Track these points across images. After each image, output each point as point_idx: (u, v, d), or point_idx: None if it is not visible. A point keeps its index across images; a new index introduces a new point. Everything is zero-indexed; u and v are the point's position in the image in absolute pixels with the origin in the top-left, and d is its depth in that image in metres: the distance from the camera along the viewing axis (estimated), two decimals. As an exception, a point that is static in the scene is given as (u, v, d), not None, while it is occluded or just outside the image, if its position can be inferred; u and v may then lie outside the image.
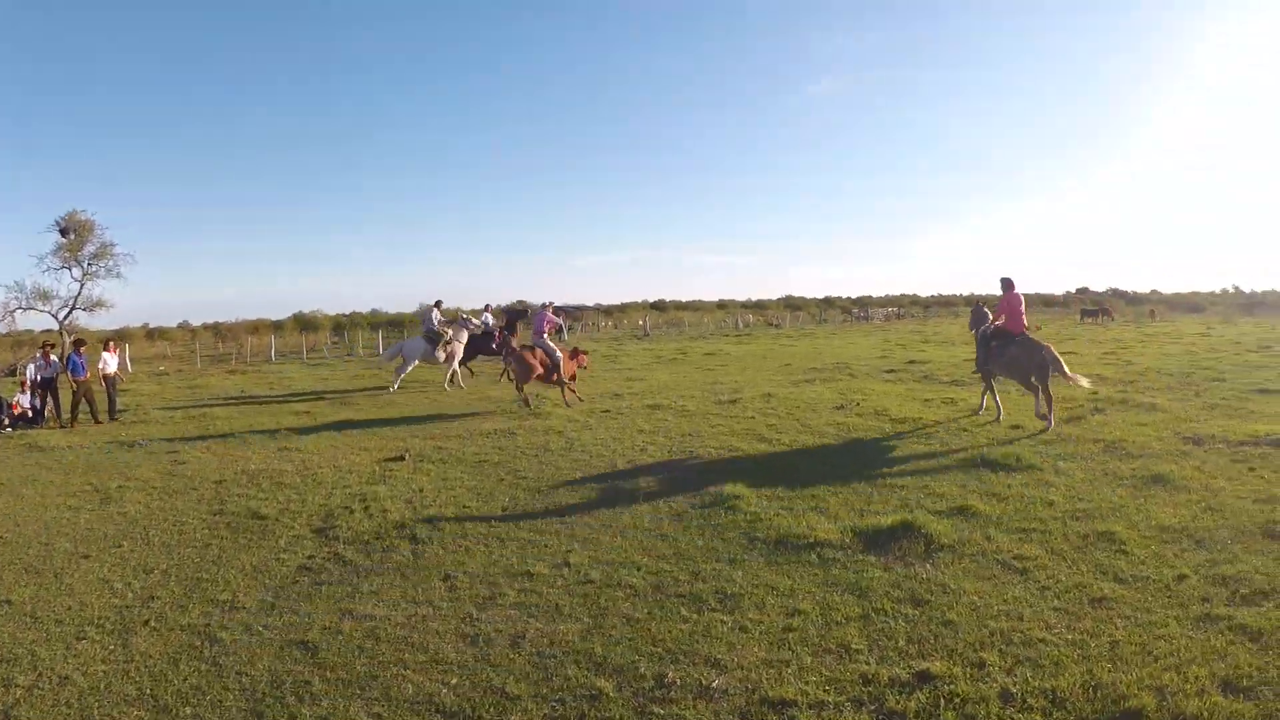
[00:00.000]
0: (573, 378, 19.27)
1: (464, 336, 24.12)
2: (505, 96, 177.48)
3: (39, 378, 19.83)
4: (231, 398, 23.50)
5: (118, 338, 63.68)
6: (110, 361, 20.49)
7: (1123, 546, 7.59)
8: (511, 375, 19.07)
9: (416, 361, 23.67)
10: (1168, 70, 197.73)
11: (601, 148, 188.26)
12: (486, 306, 30.47)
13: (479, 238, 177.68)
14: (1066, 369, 13.97)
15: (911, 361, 28.12)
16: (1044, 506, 9.05)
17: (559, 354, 18.30)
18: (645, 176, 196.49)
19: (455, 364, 24.06)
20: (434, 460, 12.69)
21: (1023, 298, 14.71)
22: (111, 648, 6.16)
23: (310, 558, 8.19)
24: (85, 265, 41.69)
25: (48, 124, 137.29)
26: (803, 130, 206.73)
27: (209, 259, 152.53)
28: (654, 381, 23.65)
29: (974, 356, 16.90)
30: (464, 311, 34.20)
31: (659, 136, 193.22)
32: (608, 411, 17.19)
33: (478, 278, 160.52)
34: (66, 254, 41.24)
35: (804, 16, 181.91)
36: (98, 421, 19.14)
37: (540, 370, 17.97)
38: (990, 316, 15.68)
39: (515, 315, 21.16)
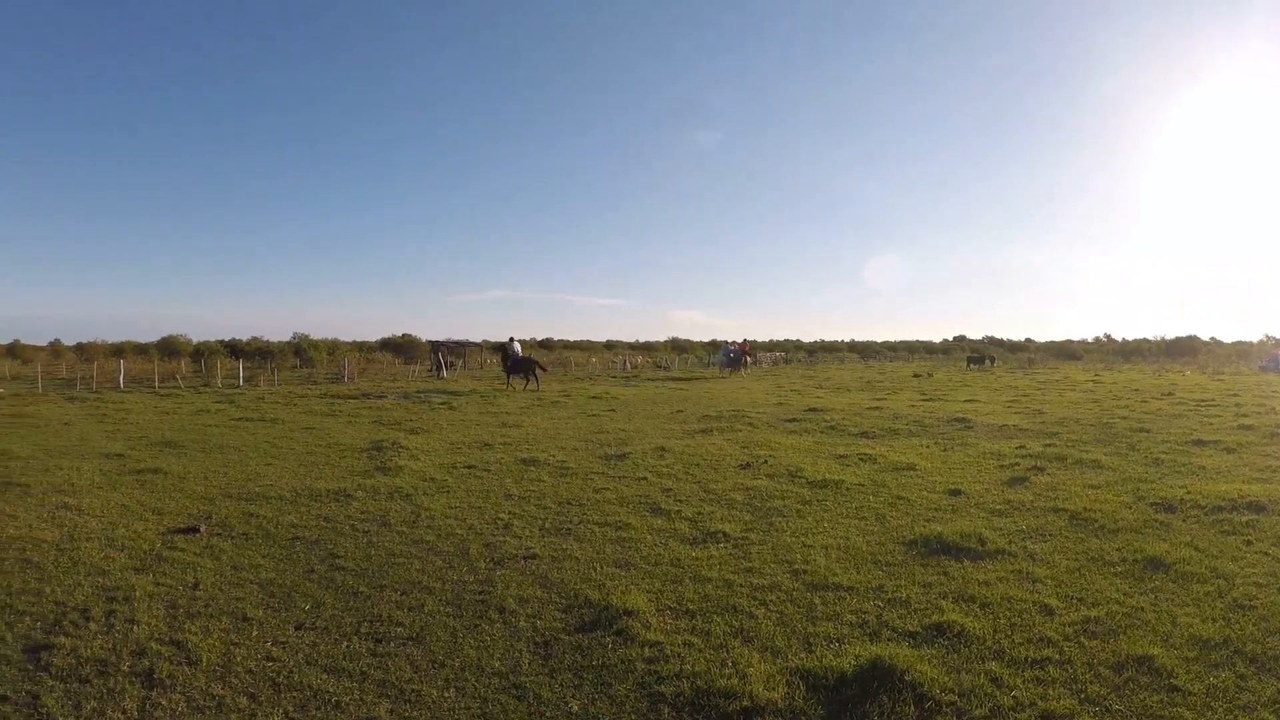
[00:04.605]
0: None
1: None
2: (387, 128, 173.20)
3: None
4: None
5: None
6: None
7: (1171, 680, 5.62)
8: None
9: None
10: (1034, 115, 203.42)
11: (483, 185, 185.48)
12: (511, 339, 39.78)
13: (351, 270, 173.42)
14: None
15: (811, 409, 26.23)
16: (1042, 616, 6.92)
17: None
18: (528, 215, 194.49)
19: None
20: (235, 534, 9.91)
21: None
22: None
23: (1, 700, 5.57)
24: None
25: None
26: (690, 179, 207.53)
27: (90, 275, 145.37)
28: (531, 429, 20.91)
29: (873, 405, 15.45)
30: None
31: (544, 176, 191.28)
32: (472, 467, 14.51)
33: (344, 309, 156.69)
34: None
35: (691, 67, 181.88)
36: None
37: None
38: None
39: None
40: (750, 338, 79.66)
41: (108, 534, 10.00)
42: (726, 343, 74.92)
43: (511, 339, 40.01)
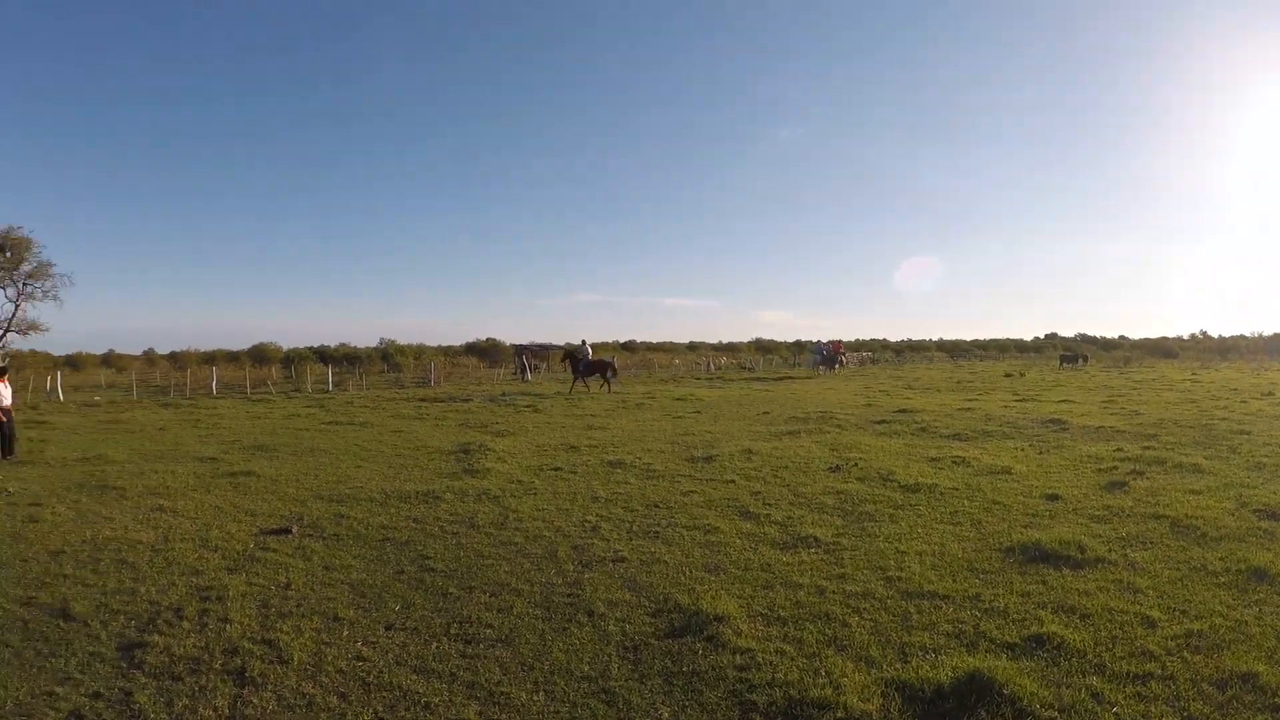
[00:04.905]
0: None
1: None
2: (468, 136, 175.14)
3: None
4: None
5: (67, 364, 61.98)
6: (4, 393, 18.10)
7: (1275, 699, 5.31)
8: None
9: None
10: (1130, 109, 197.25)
11: (565, 189, 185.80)
12: (583, 341, 40.05)
13: (437, 276, 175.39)
14: None
15: (901, 411, 25.69)
16: (1144, 628, 6.59)
17: None
18: (612, 220, 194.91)
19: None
20: (326, 535, 10.07)
21: None
22: None
23: (94, 697, 5.68)
24: (20, 285, 39.50)
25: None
26: (773, 176, 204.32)
27: (181, 287, 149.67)
28: (617, 431, 20.92)
29: (965, 406, 14.91)
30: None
31: (624, 177, 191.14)
32: (558, 470, 14.54)
33: (430, 314, 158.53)
34: (1, 272, 38.90)
35: (771, 63, 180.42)
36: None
37: None
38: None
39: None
40: (836, 338, 78.67)
41: (202, 535, 10.24)
42: (818, 343, 74.28)
43: (583, 341, 40.02)
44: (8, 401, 18.13)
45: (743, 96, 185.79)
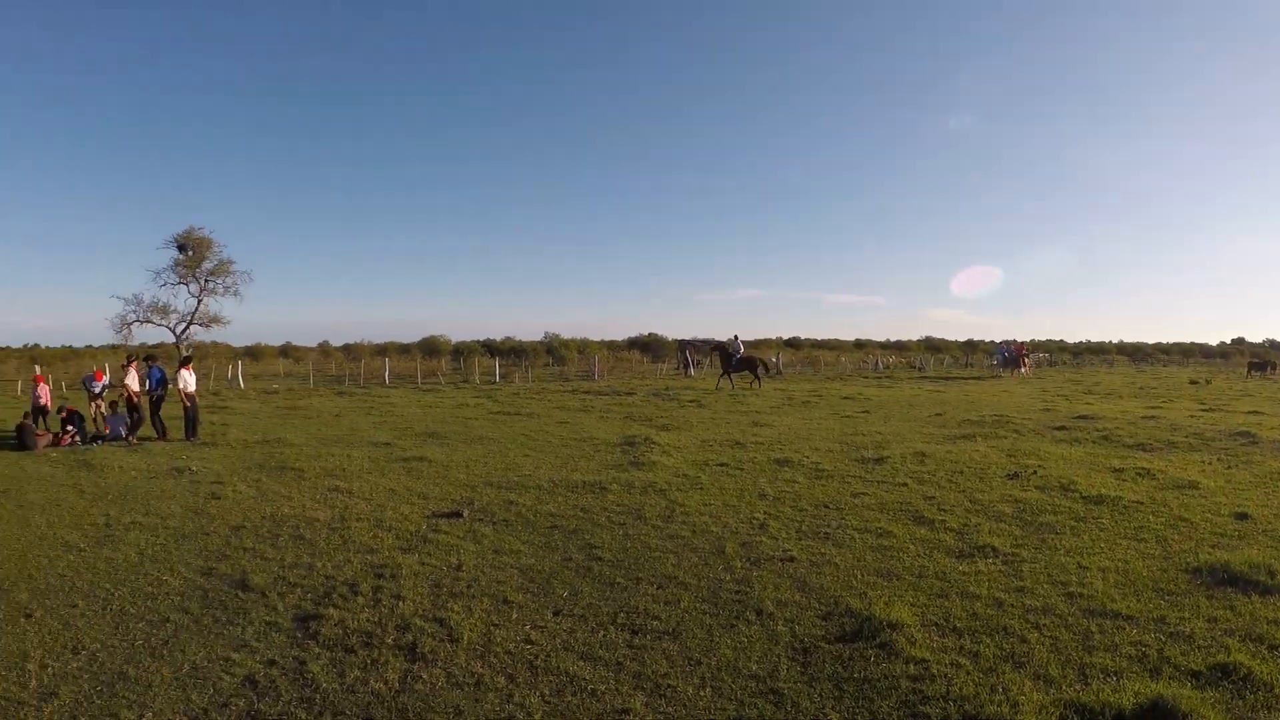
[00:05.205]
0: None
1: None
2: (631, 133, 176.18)
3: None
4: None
5: (247, 355, 65.49)
6: (189, 380, 19.24)
7: None
8: None
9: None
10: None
11: (723, 184, 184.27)
12: (735, 337, 39.90)
13: (603, 272, 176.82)
14: None
15: (1081, 417, 24.32)
16: None
17: None
18: (774, 213, 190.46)
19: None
20: (496, 520, 10.20)
21: None
22: None
23: (269, 664, 5.87)
24: (203, 281, 42.25)
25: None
26: (941, 167, 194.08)
27: (353, 283, 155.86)
28: (783, 428, 20.57)
29: (1148, 413, 13.81)
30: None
31: (786, 168, 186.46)
32: (724, 465, 14.36)
33: (593, 309, 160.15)
34: (184, 270, 41.81)
35: (940, 47, 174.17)
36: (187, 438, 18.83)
37: None
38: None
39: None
40: (1018, 338, 75.87)
41: (376, 515, 10.54)
42: (1002, 342, 72.09)
43: (735, 337, 39.61)
44: (192, 388, 19.41)
45: (909, 83, 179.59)
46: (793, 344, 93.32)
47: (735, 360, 37.93)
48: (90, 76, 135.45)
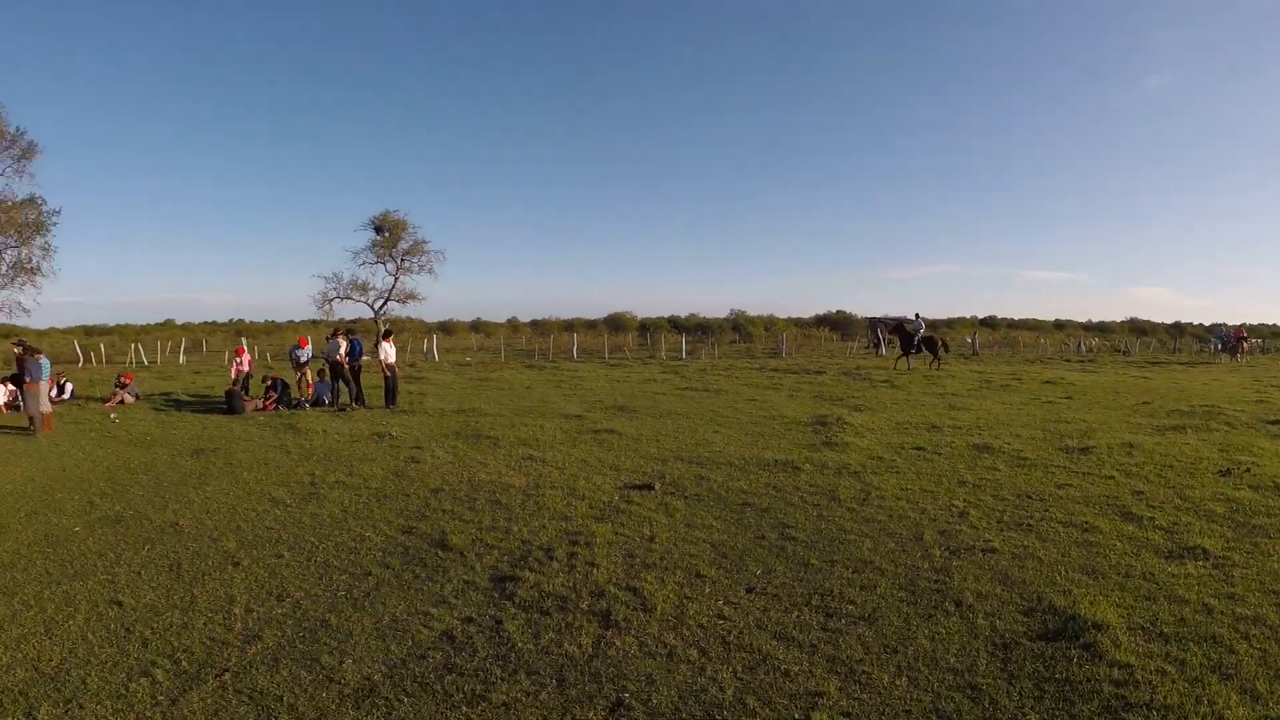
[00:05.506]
0: None
1: None
2: (817, 109, 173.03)
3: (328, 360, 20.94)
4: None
5: (440, 329, 68.04)
6: (389, 351, 20.25)
7: None
8: None
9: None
10: None
11: (914, 160, 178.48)
12: (916, 315, 37.82)
13: (785, 247, 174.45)
14: None
15: (1299, 410, 22.47)
16: None
17: None
18: (965, 183, 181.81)
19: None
20: (688, 495, 10.25)
21: None
22: (159, 701, 5.10)
23: (466, 621, 6.13)
24: (399, 260, 44.78)
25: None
26: (1142, 131, 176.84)
27: (536, 261, 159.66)
28: (981, 413, 19.65)
29: None
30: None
31: (976, 136, 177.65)
32: (921, 449, 13.92)
33: (779, 285, 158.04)
34: (381, 250, 44.51)
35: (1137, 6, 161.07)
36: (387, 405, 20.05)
37: None
38: None
39: None
40: (1238, 323, 71.16)
41: (569, 484, 10.80)
42: (1221, 327, 68.35)
43: (916, 315, 38.19)
44: (392, 359, 20.50)
45: (1102, 39, 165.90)
46: (988, 323, 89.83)
47: (915, 341, 36.80)
48: (301, 78, 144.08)
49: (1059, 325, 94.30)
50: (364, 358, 20.80)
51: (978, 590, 7.01)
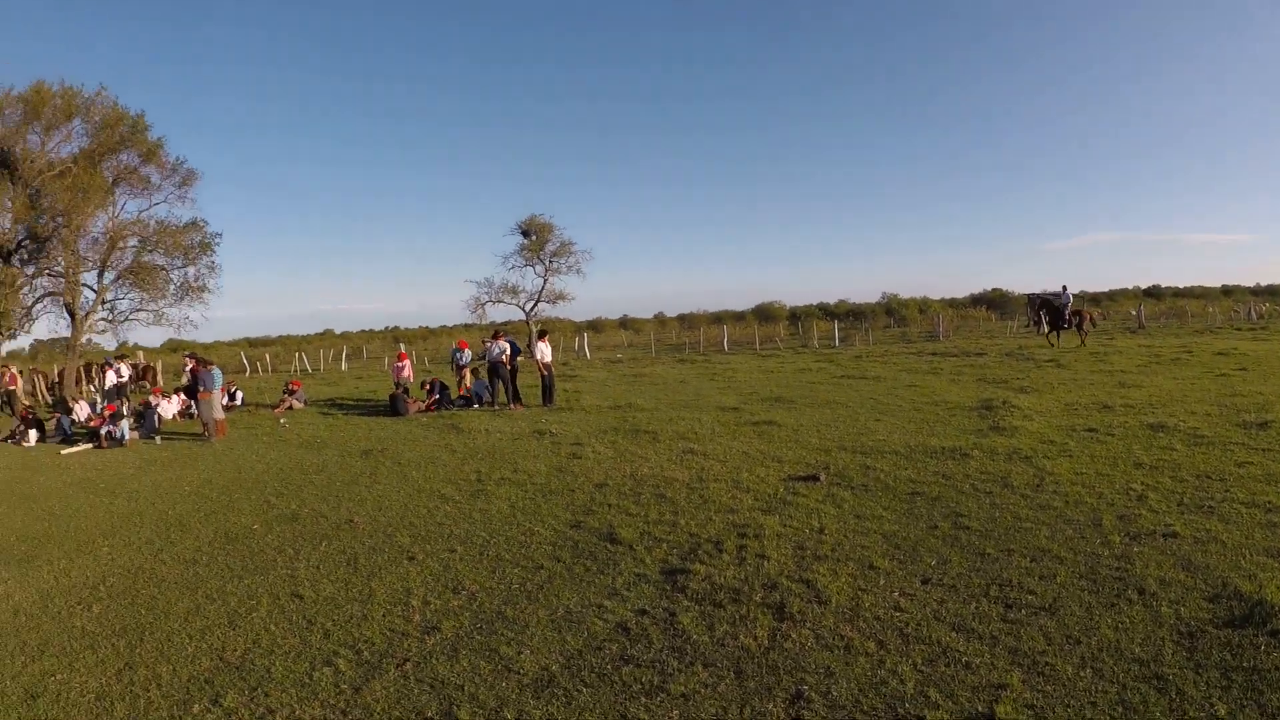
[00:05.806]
0: None
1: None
2: (960, 84, 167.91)
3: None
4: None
5: (589, 328, 69.11)
6: (545, 351, 20.83)
7: None
8: None
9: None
10: None
11: (1063, 123, 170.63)
12: (1064, 288, 36.58)
13: (939, 227, 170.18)
14: None
15: None
16: None
17: None
18: (1125, 140, 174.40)
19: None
20: (854, 485, 10.12)
21: None
22: (343, 689, 5.40)
23: (640, 613, 6.25)
24: (547, 262, 45.86)
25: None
26: None
27: (685, 254, 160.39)
28: (1153, 390, 18.68)
29: None
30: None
31: (1125, 97, 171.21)
32: (1093, 431, 13.35)
33: (930, 265, 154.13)
34: (529, 253, 45.74)
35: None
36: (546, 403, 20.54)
37: None
38: None
39: None
40: None
41: (733, 477, 10.83)
42: None
43: (1064, 288, 36.29)
44: (549, 358, 21.04)
45: None
46: (1152, 293, 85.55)
47: (1062, 315, 35.11)
48: (449, 88, 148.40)
49: (1226, 291, 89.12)
50: (519, 358, 21.25)
51: (1160, 577, 6.73)
